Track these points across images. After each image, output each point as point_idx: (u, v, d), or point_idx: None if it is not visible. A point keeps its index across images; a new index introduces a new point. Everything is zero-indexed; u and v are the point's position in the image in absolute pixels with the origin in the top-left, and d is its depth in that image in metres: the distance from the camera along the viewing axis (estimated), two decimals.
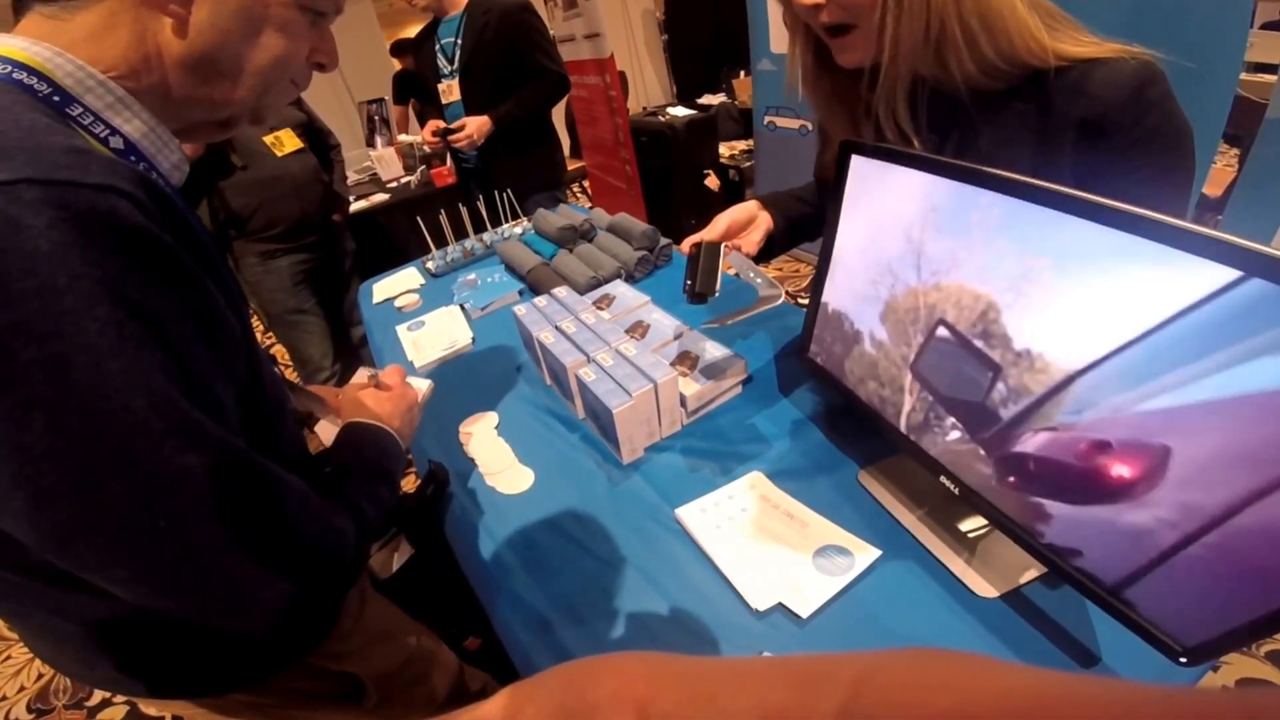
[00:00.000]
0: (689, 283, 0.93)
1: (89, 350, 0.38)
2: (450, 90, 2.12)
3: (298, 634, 0.71)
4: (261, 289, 2.07)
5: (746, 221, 1.00)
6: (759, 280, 0.97)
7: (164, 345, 0.42)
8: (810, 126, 2.97)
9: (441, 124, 2.13)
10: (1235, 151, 2.94)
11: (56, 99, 0.46)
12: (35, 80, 0.45)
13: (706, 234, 0.96)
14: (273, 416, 0.60)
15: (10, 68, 0.45)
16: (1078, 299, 0.51)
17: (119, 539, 0.42)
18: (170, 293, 0.43)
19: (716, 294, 0.91)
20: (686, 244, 0.97)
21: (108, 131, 0.49)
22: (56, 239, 0.37)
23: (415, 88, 4.17)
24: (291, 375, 2.84)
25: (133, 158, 0.50)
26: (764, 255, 1.02)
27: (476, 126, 2.03)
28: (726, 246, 0.95)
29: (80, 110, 0.47)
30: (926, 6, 0.65)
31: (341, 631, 0.75)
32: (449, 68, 2.10)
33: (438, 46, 2.10)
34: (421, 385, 0.96)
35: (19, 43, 0.46)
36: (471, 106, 2.09)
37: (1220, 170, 2.40)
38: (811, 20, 0.73)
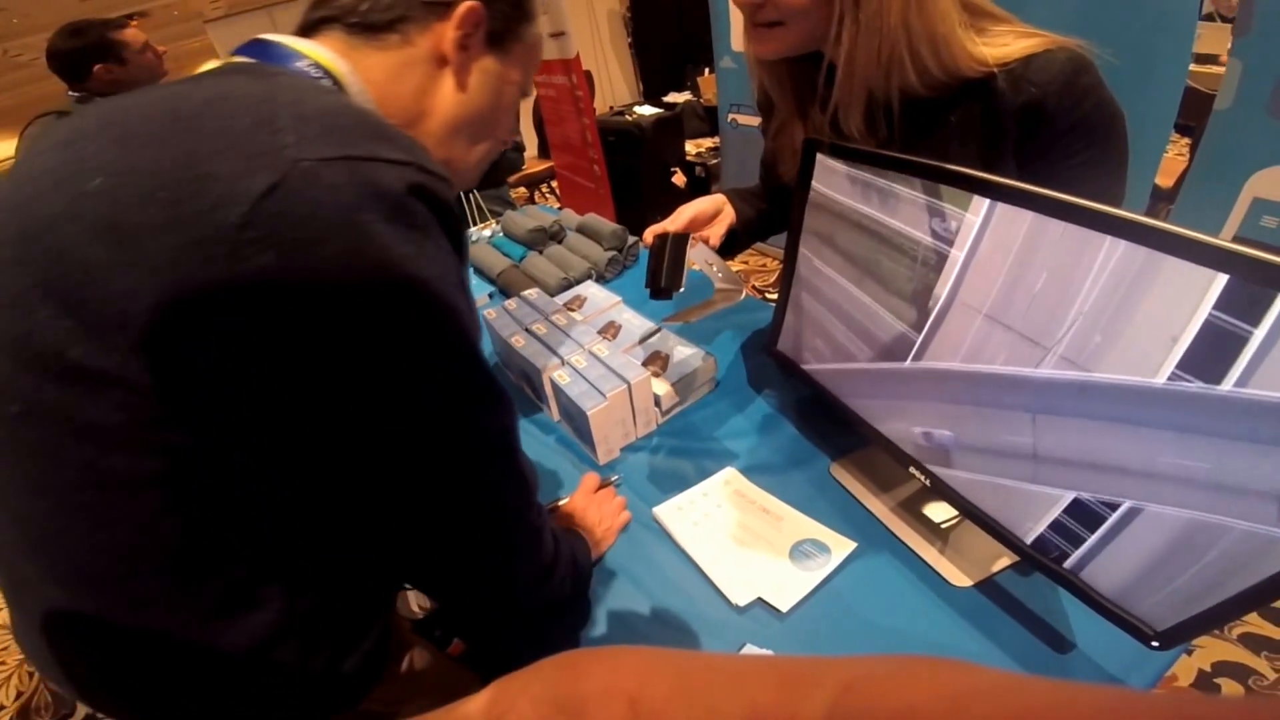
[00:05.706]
0: (653, 277, 0.89)
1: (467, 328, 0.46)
2: None
3: (350, 679, 0.67)
4: None
5: (713, 214, 0.98)
6: (720, 275, 0.95)
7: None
8: None
9: None
10: (1186, 141, 3.03)
11: None
12: (336, 89, 0.48)
13: (670, 225, 0.93)
14: None
15: (320, 73, 0.48)
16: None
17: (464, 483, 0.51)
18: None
19: (682, 289, 0.88)
20: (649, 234, 0.94)
21: None
22: (427, 218, 0.42)
23: None
24: None
25: None
26: (726, 250, 1.00)
27: None
28: (693, 239, 0.91)
29: None
30: (880, 31, 0.65)
31: (391, 676, 0.71)
32: None
33: None
34: None
35: (326, 52, 0.49)
36: None
37: (1172, 160, 2.47)
38: (746, 12, 0.73)
